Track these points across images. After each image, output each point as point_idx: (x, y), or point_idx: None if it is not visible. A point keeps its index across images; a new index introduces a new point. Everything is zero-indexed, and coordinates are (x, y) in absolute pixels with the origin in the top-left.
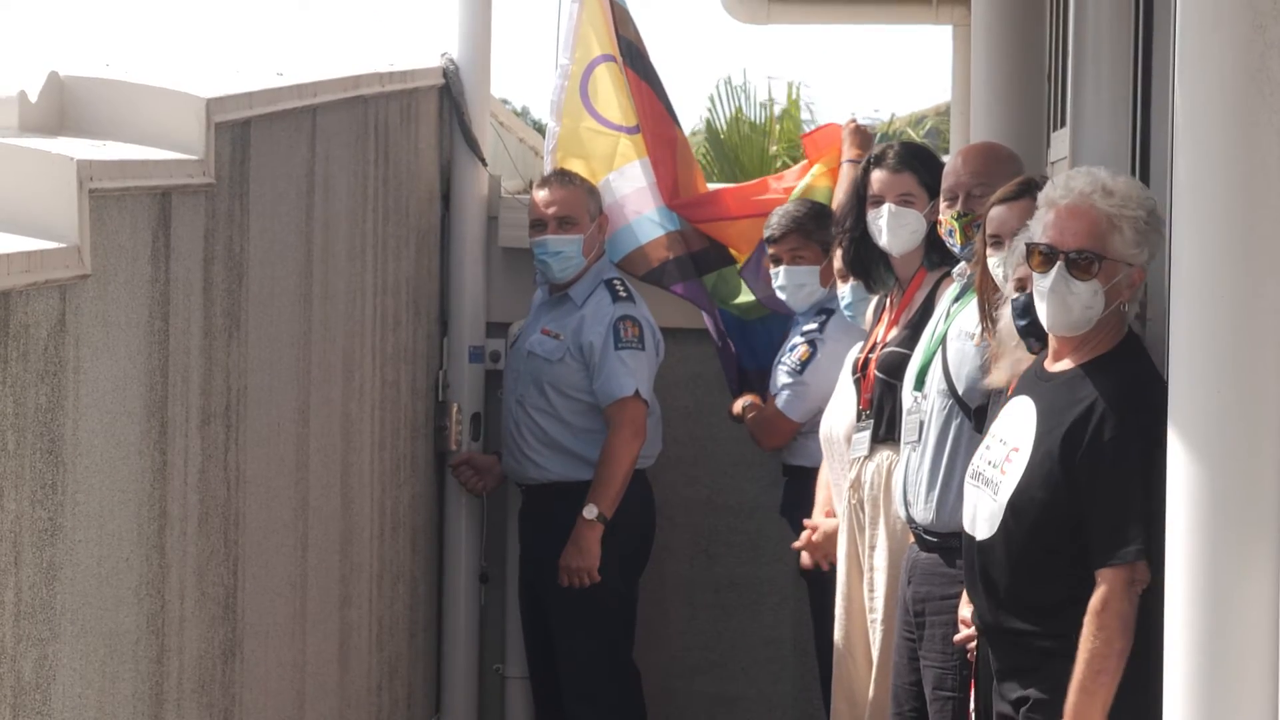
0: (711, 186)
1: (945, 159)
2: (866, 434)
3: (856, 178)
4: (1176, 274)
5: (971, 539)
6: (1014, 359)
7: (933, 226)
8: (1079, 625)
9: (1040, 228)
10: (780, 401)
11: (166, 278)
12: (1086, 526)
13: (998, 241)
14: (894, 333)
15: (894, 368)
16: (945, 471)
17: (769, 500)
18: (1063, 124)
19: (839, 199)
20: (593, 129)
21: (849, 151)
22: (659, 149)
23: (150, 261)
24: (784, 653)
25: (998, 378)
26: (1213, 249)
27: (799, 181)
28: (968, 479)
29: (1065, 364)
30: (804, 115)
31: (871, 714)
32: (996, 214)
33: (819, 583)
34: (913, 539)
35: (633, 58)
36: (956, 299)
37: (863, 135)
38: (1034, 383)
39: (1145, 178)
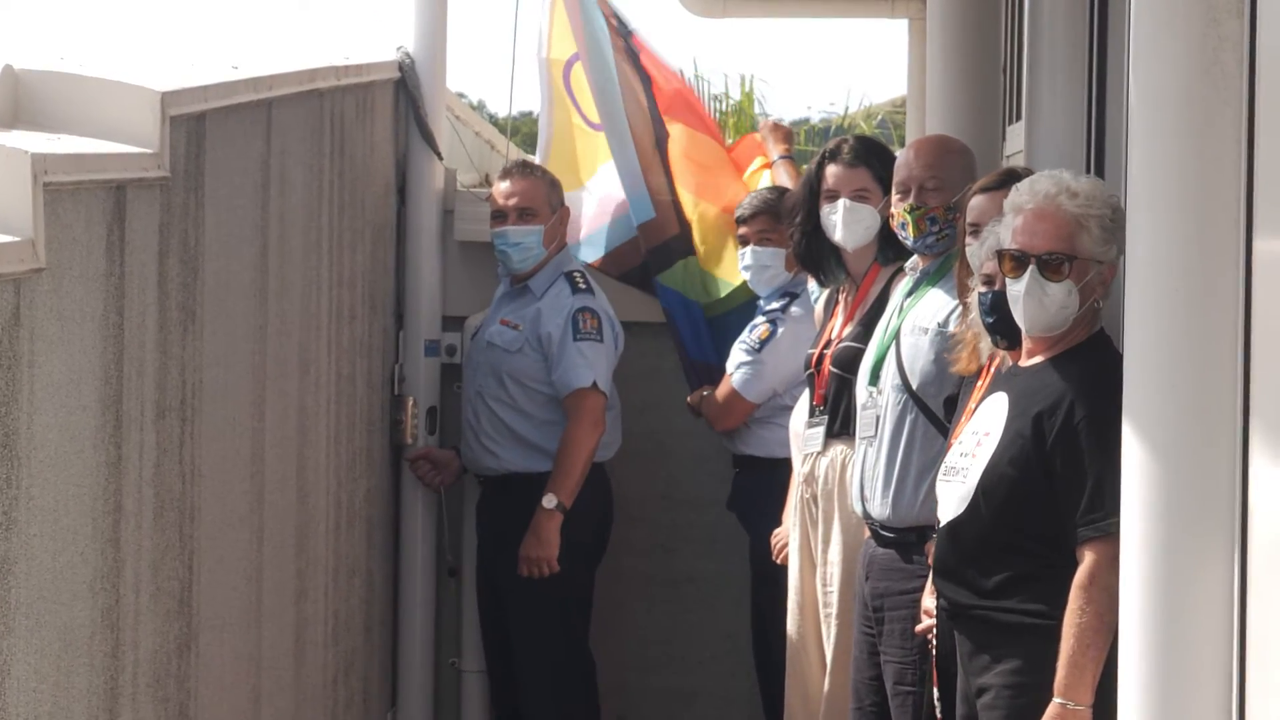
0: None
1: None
2: (820, 429)
3: (810, 171)
4: (1131, 268)
5: (940, 525)
6: (988, 345)
7: (887, 221)
8: (1048, 600)
9: (1009, 233)
10: (736, 380)
11: (121, 271)
12: (1063, 505)
13: (977, 230)
14: (849, 328)
15: (849, 363)
16: (901, 466)
17: (726, 495)
18: (1018, 118)
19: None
20: (580, 127)
21: (775, 149)
22: (681, 103)
23: (105, 255)
24: (741, 647)
25: (968, 364)
26: (1167, 242)
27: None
28: (940, 478)
29: (1037, 359)
30: (757, 110)
31: (826, 709)
32: (977, 203)
33: (768, 577)
34: (868, 534)
35: (625, 30)
36: (909, 293)
37: (782, 130)
38: (1007, 379)
39: (1100, 171)
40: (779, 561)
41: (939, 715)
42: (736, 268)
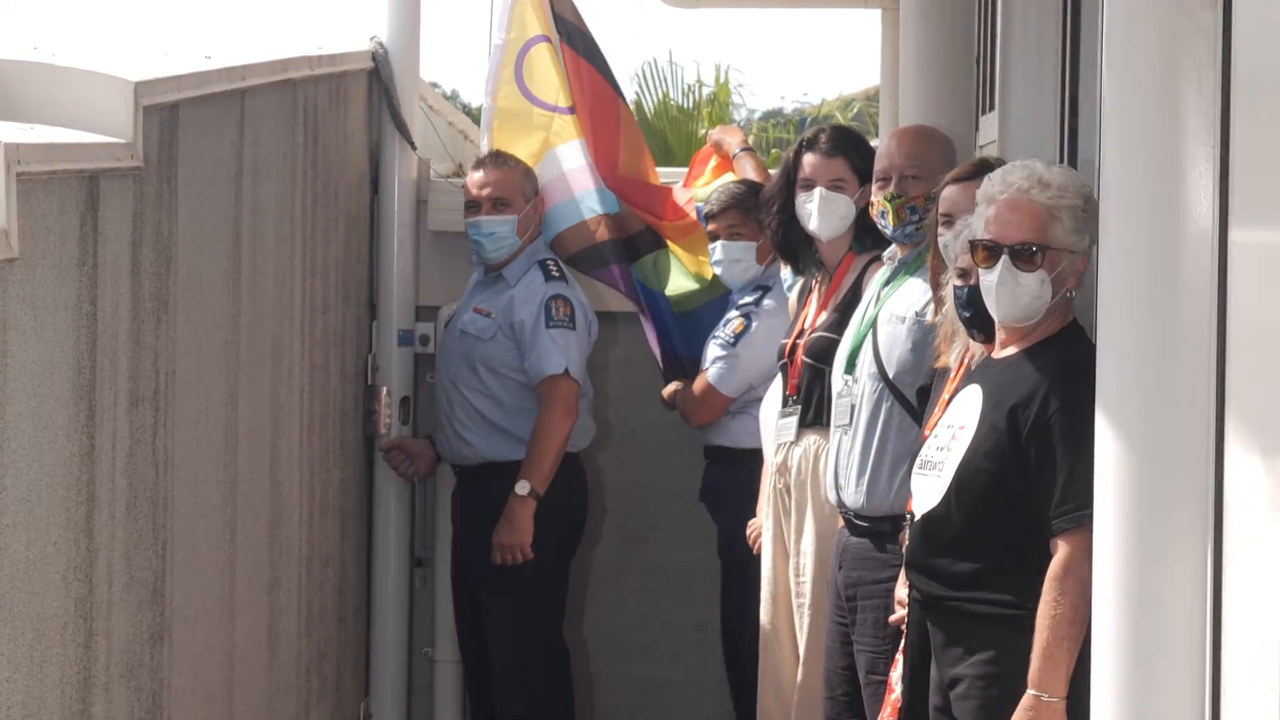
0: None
1: (875, 143)
2: (793, 419)
3: (787, 160)
4: (1105, 257)
5: (914, 517)
6: (963, 338)
7: (862, 211)
8: (1021, 591)
9: (981, 224)
10: (711, 374)
11: (94, 261)
12: (1037, 496)
13: (950, 221)
14: (822, 317)
15: (822, 352)
16: (876, 455)
17: (698, 485)
18: (991, 108)
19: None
20: (528, 111)
21: (734, 145)
22: (601, 125)
23: (78, 245)
24: (713, 636)
25: (947, 357)
26: (1141, 232)
27: (703, 186)
28: (915, 470)
29: (1011, 350)
30: (734, 99)
31: (799, 699)
32: (950, 193)
33: (737, 568)
34: (842, 523)
35: (570, 35)
36: (887, 282)
37: (731, 128)
38: (981, 370)
39: (1074, 162)
40: (756, 552)
41: (895, 700)
42: (701, 265)
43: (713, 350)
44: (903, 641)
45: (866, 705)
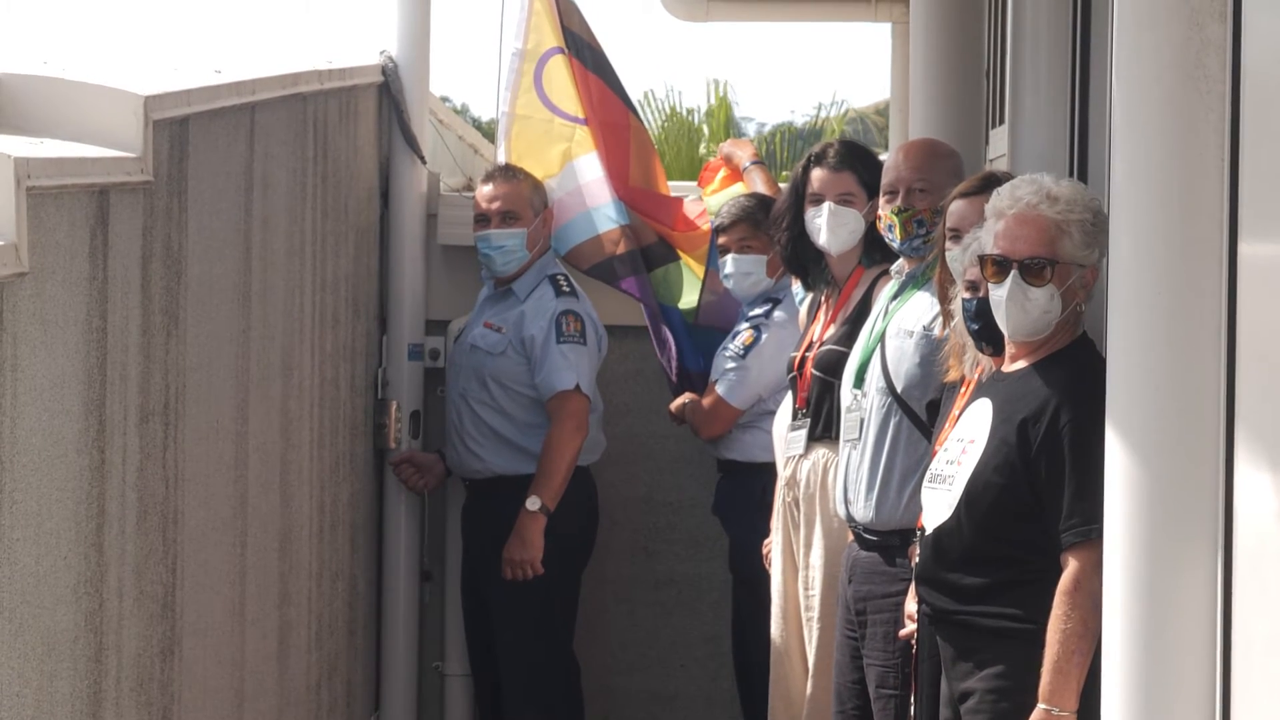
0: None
1: (884, 157)
2: (802, 433)
3: (795, 175)
4: (1114, 271)
5: (925, 531)
6: (973, 351)
7: (871, 225)
8: (1031, 605)
9: (991, 238)
10: (721, 387)
11: (104, 275)
12: (1048, 511)
13: (957, 235)
14: (831, 331)
15: (832, 366)
16: (885, 469)
17: (708, 497)
18: (1001, 122)
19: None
20: (548, 120)
21: (745, 157)
22: (610, 136)
23: (88, 259)
24: (723, 649)
25: (955, 372)
26: (1150, 246)
27: (710, 195)
28: (925, 485)
29: (1020, 364)
30: (737, 114)
31: (809, 712)
32: (957, 208)
33: (747, 580)
34: (851, 537)
35: (579, 49)
36: (895, 296)
37: (743, 141)
38: (991, 384)
39: (1083, 175)
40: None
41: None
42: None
43: (723, 362)
44: (914, 661)
45: (876, 719)
